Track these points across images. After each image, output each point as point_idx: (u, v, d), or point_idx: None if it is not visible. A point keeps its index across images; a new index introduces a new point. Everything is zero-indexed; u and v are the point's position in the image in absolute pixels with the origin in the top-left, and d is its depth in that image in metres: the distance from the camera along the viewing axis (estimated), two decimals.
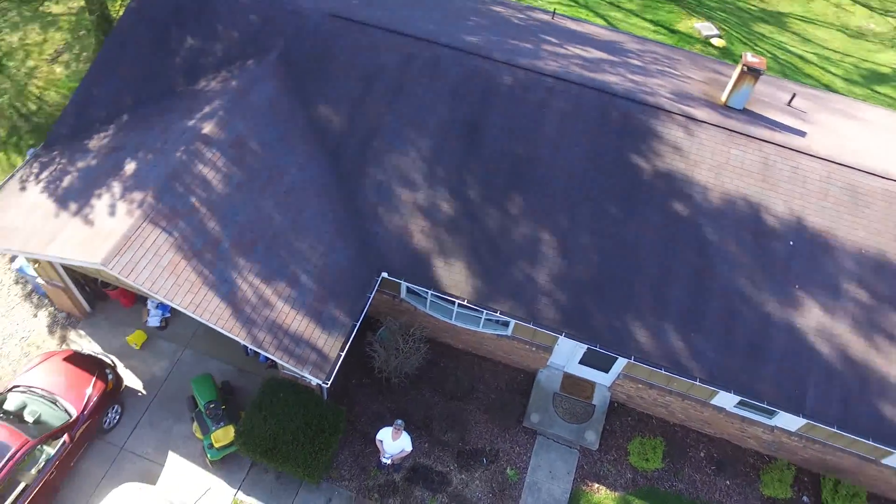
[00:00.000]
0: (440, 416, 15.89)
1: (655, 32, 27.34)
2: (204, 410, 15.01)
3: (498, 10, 19.08)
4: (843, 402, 13.18)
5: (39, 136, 20.81)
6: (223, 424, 14.86)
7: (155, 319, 16.73)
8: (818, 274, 13.97)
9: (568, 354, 15.88)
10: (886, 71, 26.75)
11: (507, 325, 15.49)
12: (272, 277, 13.63)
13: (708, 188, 14.64)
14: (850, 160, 14.93)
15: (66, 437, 14.16)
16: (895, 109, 22.02)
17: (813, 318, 13.69)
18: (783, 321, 13.68)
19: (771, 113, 16.04)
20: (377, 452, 15.16)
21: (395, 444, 14.02)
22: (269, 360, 16.23)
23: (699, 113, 15.46)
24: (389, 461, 14.51)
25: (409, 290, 15.68)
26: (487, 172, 14.86)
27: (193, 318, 12.83)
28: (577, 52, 17.12)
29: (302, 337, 13.32)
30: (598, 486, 15.38)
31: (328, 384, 13.26)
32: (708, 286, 13.92)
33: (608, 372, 15.82)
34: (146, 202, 13.29)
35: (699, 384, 13.66)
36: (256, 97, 15.40)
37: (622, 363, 15.01)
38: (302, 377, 14.17)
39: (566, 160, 14.85)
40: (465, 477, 15.26)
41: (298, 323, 13.40)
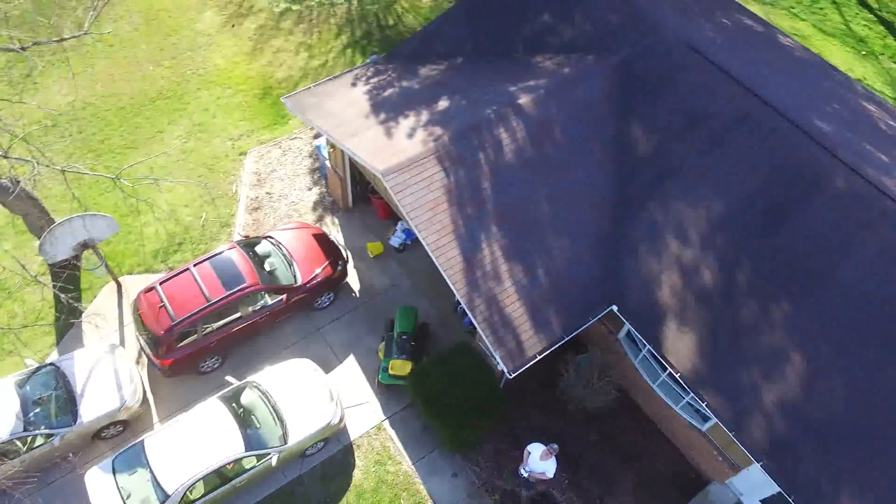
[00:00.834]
0: (593, 464, 15.37)
1: None
2: (395, 337, 15.95)
3: (868, 107, 17.31)
4: None
5: (384, 47, 23.05)
6: (404, 357, 15.70)
7: (396, 240, 17.98)
8: None
9: (754, 486, 14.41)
10: None
11: (706, 419, 14.43)
12: (513, 257, 13.94)
13: None
14: None
15: (284, 296, 15.89)
16: None
17: None
18: None
19: None
20: (519, 461, 15.09)
21: (540, 463, 13.85)
22: (471, 326, 16.75)
23: None
24: (526, 475, 14.39)
25: (628, 333, 15.19)
26: (769, 262, 13.74)
27: (430, 256, 13.55)
28: None
29: (511, 322, 13.54)
30: None
31: (511, 376, 13.39)
32: None
33: None
34: (441, 139, 14.20)
35: None
36: (581, 91, 15.61)
37: None
38: (492, 356, 14.44)
39: (867, 293, 13.16)
40: None
41: (515, 309, 13.62)
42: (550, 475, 13.91)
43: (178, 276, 15.41)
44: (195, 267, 15.45)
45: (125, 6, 24.02)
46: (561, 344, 13.93)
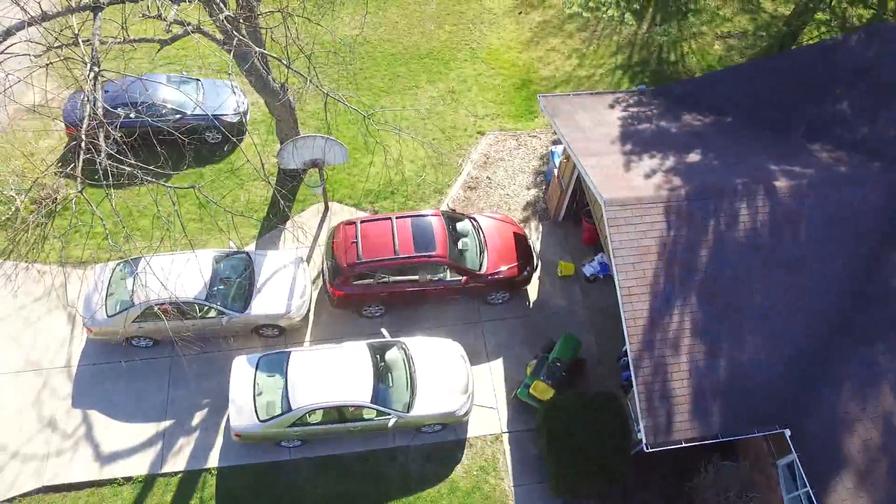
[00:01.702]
0: None
1: None
2: (549, 360, 15.63)
3: None
4: None
5: (655, 80, 22.39)
6: (549, 383, 15.35)
7: (590, 269, 17.56)
8: None
9: None
10: None
11: None
12: (700, 335, 13.05)
13: None
14: None
15: (464, 279, 16.15)
16: None
17: None
18: None
19: None
20: None
21: None
22: (627, 381, 15.98)
23: None
24: None
25: (791, 465, 13.67)
26: None
27: (617, 298, 13.05)
28: None
29: (670, 398, 12.72)
30: None
31: (648, 450, 12.60)
32: None
33: None
34: (678, 191, 13.55)
35: None
36: (849, 196, 13.96)
37: None
38: (635, 421, 13.69)
39: None
40: None
41: (680, 386, 12.77)
42: None
43: (379, 221, 16.19)
44: (397, 220, 16.13)
45: None
46: (710, 443, 12.87)
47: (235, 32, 12.03)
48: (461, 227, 16.88)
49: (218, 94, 19.74)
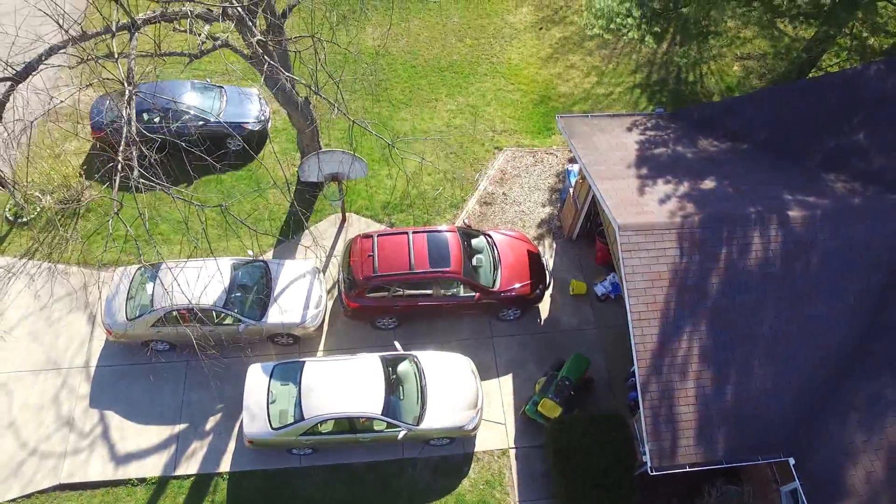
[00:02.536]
0: None
1: None
2: (558, 379, 15.95)
3: None
4: None
5: (673, 99, 22.70)
6: (557, 401, 15.66)
7: (602, 289, 17.86)
8: None
9: None
10: None
11: None
12: (708, 361, 13.35)
13: None
14: None
15: (477, 295, 16.51)
16: None
17: None
18: None
19: None
20: None
21: None
22: (634, 402, 16.28)
23: None
24: None
25: (794, 492, 13.92)
26: None
27: (627, 320, 13.38)
28: None
29: (676, 422, 13.02)
30: None
31: (653, 473, 12.90)
32: None
33: None
34: (691, 218, 13.85)
35: None
36: (863, 227, 14.16)
37: None
38: (641, 443, 13.99)
39: None
40: None
41: (686, 411, 13.06)
42: None
43: (395, 235, 16.58)
44: (414, 234, 16.51)
45: None
46: (713, 468, 13.17)
47: (266, 58, 12.45)
48: (476, 243, 17.24)
49: (240, 101, 20.22)
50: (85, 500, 15.10)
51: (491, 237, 17.45)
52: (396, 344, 16.19)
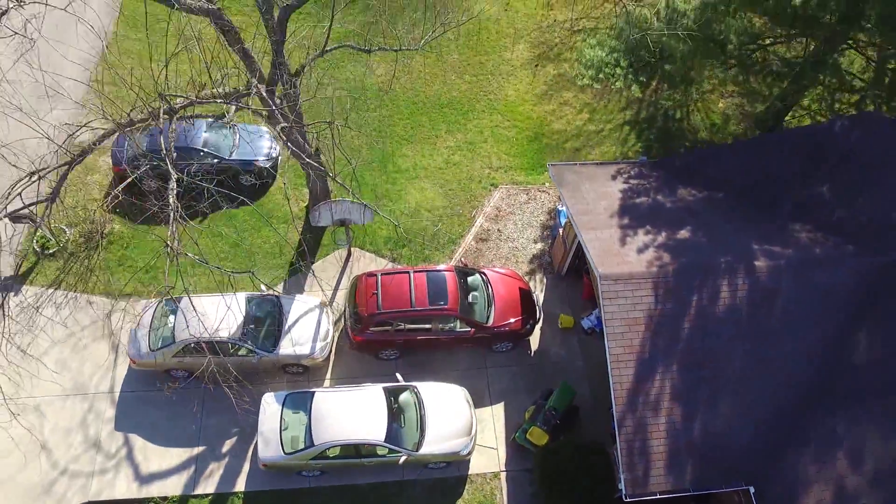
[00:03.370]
0: None
1: None
2: (546, 408, 17.70)
3: None
4: None
5: (661, 135, 24.38)
6: (545, 429, 17.41)
7: (588, 323, 19.62)
8: None
9: None
10: None
11: None
12: (679, 399, 15.13)
13: None
14: None
15: (472, 330, 18.28)
16: None
17: None
18: None
19: None
20: None
21: None
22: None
23: None
24: None
25: None
26: None
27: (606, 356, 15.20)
28: None
29: (649, 454, 14.80)
30: None
31: (626, 500, 14.67)
32: None
33: None
34: (666, 268, 15.63)
35: None
36: (824, 276, 15.79)
37: None
38: (618, 471, 15.74)
39: None
40: None
41: (658, 444, 14.86)
42: None
43: (397, 274, 18.33)
44: (415, 273, 18.27)
45: (457, 18, 27.46)
46: (686, 494, 14.94)
47: (290, 144, 14.27)
48: (472, 280, 18.99)
49: (251, 139, 21.94)
50: None
51: (485, 275, 19.20)
52: (398, 375, 17.94)
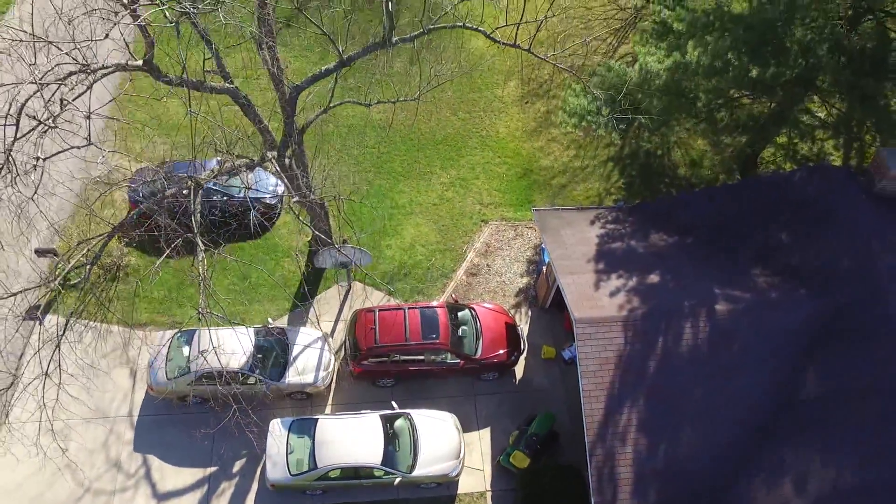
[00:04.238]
0: None
1: None
2: (528, 434, 19.84)
3: None
4: None
5: (643, 172, 26.44)
6: (527, 453, 19.56)
7: (568, 354, 21.77)
8: None
9: None
10: None
11: None
12: (645, 430, 17.27)
13: None
14: None
15: (461, 361, 20.44)
16: None
17: None
18: None
19: None
20: None
21: None
22: None
23: None
24: None
25: None
26: None
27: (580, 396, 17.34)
28: None
29: (617, 480, 16.97)
30: None
31: None
32: None
33: None
34: (635, 312, 17.78)
35: None
36: (777, 318, 17.94)
37: None
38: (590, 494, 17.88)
39: None
40: None
41: (625, 471, 17.02)
42: None
43: (394, 310, 20.47)
44: (409, 310, 20.41)
45: (454, 56, 29.51)
46: None
47: (306, 224, 16.54)
48: (462, 315, 21.13)
49: (258, 178, 24.03)
50: None
51: (475, 310, 21.34)
52: (394, 403, 20.07)
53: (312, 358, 20.46)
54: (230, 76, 16.83)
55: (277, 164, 16.24)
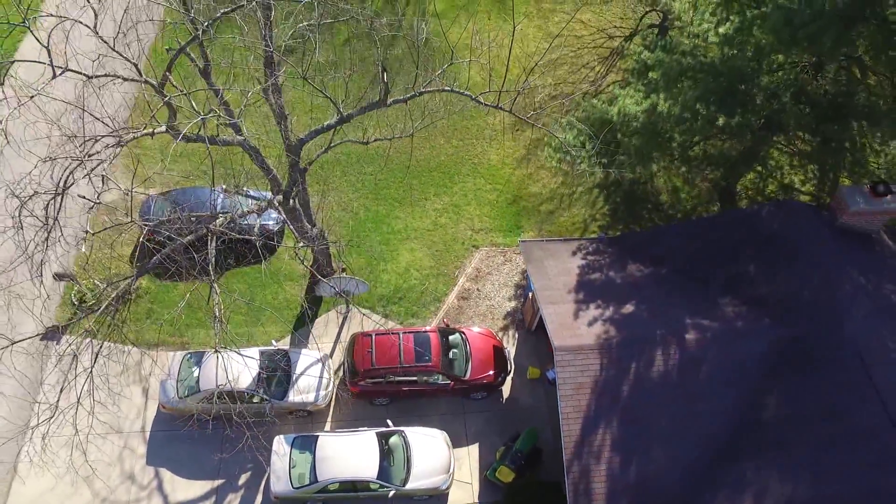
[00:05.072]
0: None
1: None
2: (513, 450, 21.73)
3: None
4: None
5: (627, 197, 28.37)
6: (512, 468, 21.45)
7: (552, 374, 23.56)
8: None
9: None
10: None
11: None
12: (618, 449, 19.16)
13: None
14: None
15: (452, 382, 22.34)
16: None
17: None
18: None
19: None
20: None
21: None
22: None
23: None
24: None
25: None
26: None
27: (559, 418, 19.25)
28: None
29: (591, 494, 18.86)
30: None
31: None
32: None
33: None
34: (612, 340, 19.69)
35: None
36: (742, 346, 19.86)
37: None
38: None
39: None
40: None
41: (599, 487, 18.91)
42: None
43: (389, 335, 22.37)
44: (403, 334, 22.32)
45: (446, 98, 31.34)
46: None
47: (312, 270, 18.49)
48: (452, 339, 23.04)
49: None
50: None
51: (464, 334, 23.25)
52: (388, 422, 21.98)
53: (313, 378, 22.35)
54: (240, 128, 18.73)
55: (283, 208, 18.14)
